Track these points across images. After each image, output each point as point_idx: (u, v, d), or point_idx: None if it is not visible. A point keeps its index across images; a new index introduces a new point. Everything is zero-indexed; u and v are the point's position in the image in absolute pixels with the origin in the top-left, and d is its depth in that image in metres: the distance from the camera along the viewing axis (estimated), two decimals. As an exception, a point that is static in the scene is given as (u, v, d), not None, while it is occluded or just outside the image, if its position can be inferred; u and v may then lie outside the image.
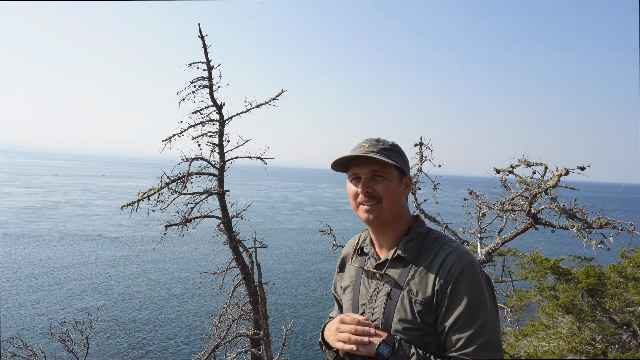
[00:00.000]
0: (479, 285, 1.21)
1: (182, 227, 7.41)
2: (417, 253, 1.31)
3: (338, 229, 8.14)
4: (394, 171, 1.33)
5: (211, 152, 7.72)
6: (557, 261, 8.64)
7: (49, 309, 21.49)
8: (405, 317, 1.25)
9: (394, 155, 1.33)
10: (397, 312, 1.27)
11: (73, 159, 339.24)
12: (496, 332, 1.20)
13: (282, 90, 7.70)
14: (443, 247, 1.28)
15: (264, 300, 7.91)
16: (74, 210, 53.77)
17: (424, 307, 1.23)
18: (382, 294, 1.33)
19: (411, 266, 1.30)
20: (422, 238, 1.33)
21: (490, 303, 1.22)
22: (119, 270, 29.22)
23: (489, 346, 1.16)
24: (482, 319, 1.18)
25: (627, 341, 7.48)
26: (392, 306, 1.29)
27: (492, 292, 1.26)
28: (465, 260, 1.23)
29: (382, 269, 1.35)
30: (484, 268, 7.11)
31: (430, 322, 1.24)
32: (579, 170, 3.55)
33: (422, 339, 1.24)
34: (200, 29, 6.97)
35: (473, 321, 1.17)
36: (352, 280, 1.46)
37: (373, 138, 1.37)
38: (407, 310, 1.26)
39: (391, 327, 1.27)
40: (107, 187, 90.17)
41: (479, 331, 1.17)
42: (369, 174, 1.33)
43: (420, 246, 1.32)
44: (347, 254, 1.55)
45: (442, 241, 1.31)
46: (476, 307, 1.19)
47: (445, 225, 5.56)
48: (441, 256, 1.26)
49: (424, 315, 1.24)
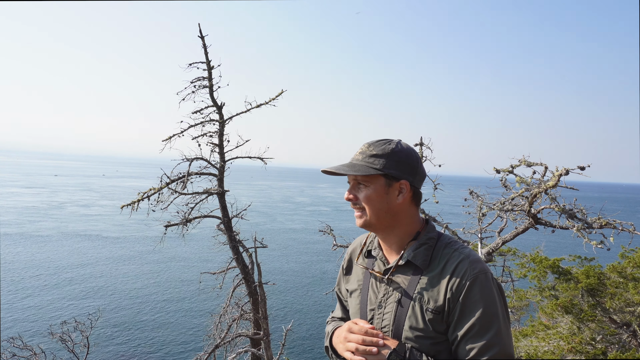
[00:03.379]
0: (492, 294, 1.20)
1: (182, 227, 7.41)
2: (427, 259, 1.28)
3: (339, 229, 8.14)
4: (378, 179, 1.29)
5: (211, 152, 7.72)
6: (557, 261, 8.64)
7: (49, 309, 21.49)
8: (416, 325, 1.24)
9: (382, 162, 1.29)
10: (408, 320, 1.25)
11: (72, 159, 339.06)
12: (509, 341, 1.19)
13: (282, 90, 7.71)
14: (454, 254, 1.26)
15: (264, 300, 7.91)
16: (76, 210, 53.78)
17: (435, 315, 1.22)
18: (392, 300, 1.31)
19: (422, 273, 1.28)
20: (433, 243, 1.31)
21: (503, 312, 1.21)
22: (119, 270, 29.22)
23: (501, 356, 1.16)
24: (495, 329, 1.17)
25: (627, 341, 7.48)
26: (402, 313, 1.27)
27: (504, 300, 1.25)
28: (478, 269, 1.22)
29: (391, 274, 1.33)
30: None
31: (441, 330, 1.23)
32: (579, 170, 3.55)
33: (433, 348, 1.23)
34: (201, 29, 6.98)
35: (486, 331, 1.16)
36: (360, 284, 1.43)
37: (371, 142, 1.34)
38: (419, 318, 1.24)
39: (402, 334, 1.26)
40: (109, 188, 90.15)
41: (492, 341, 1.16)
42: (352, 181, 1.34)
43: (430, 252, 1.29)
44: (353, 254, 1.52)
45: (453, 247, 1.29)
46: (489, 317, 1.17)
47: (445, 225, 5.56)
48: (453, 263, 1.24)
49: (435, 323, 1.22)
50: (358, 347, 1.24)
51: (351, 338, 1.27)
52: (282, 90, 7.71)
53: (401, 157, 1.30)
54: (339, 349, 1.33)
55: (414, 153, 1.34)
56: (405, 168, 1.30)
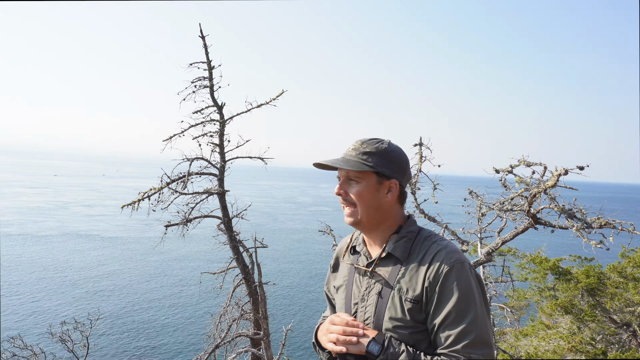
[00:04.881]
0: (468, 282, 1.22)
1: (182, 227, 7.42)
2: (407, 251, 1.32)
3: (340, 229, 8.13)
4: (369, 176, 1.32)
5: (212, 152, 7.74)
6: (557, 261, 8.65)
7: (50, 309, 21.51)
8: (395, 315, 1.27)
9: (375, 160, 1.32)
10: (388, 311, 1.28)
11: (71, 158, 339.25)
12: (486, 329, 1.21)
13: (283, 90, 7.72)
14: (433, 246, 1.29)
15: (264, 300, 7.92)
16: (79, 211, 53.82)
17: (413, 304, 1.25)
18: (374, 292, 1.34)
19: (402, 264, 1.31)
20: (413, 237, 1.34)
21: (480, 300, 1.23)
22: (119, 270, 29.24)
23: (478, 343, 1.17)
24: (472, 316, 1.19)
25: (627, 341, 7.49)
26: (383, 304, 1.30)
27: (483, 289, 1.27)
28: (454, 258, 1.24)
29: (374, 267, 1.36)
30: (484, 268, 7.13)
31: (420, 319, 1.25)
32: (578, 170, 3.55)
33: (412, 337, 1.25)
34: (201, 29, 6.98)
35: (462, 318, 1.19)
36: (345, 279, 1.47)
37: (363, 139, 1.37)
38: (398, 308, 1.27)
39: (382, 325, 1.29)
40: (111, 188, 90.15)
41: (468, 328, 1.18)
42: (344, 177, 1.37)
43: (410, 244, 1.33)
44: (340, 253, 1.56)
45: (432, 240, 1.32)
46: (465, 304, 1.20)
47: (445, 225, 5.56)
48: (431, 254, 1.27)
49: (414, 313, 1.25)
50: (339, 337, 1.28)
51: (333, 329, 1.31)
52: (283, 90, 7.72)
53: (393, 157, 1.35)
54: (322, 341, 1.37)
55: (404, 155, 1.39)
56: (396, 168, 1.35)
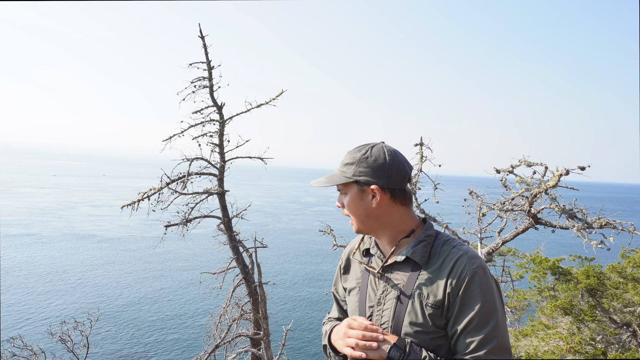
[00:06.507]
0: (490, 289, 1.23)
1: (182, 227, 7.42)
2: (426, 255, 1.31)
3: (342, 230, 8.13)
4: (351, 186, 1.35)
5: (211, 152, 7.73)
6: (557, 261, 8.64)
7: (49, 309, 21.50)
8: (416, 320, 1.26)
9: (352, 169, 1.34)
10: (408, 315, 1.27)
11: (71, 158, 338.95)
12: (507, 335, 1.22)
13: (282, 90, 7.71)
14: (453, 250, 1.29)
15: (264, 300, 7.91)
16: (80, 210, 53.81)
17: (434, 310, 1.24)
18: (391, 296, 1.32)
19: (421, 269, 1.30)
20: (431, 240, 1.33)
21: (500, 306, 1.24)
22: (119, 270, 29.24)
23: (500, 350, 1.18)
24: (494, 322, 1.20)
25: (627, 341, 7.49)
26: (402, 309, 1.29)
27: (501, 295, 1.28)
28: (477, 264, 1.24)
29: (389, 271, 1.35)
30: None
31: (441, 325, 1.25)
32: (579, 170, 3.55)
33: (433, 342, 1.25)
34: (201, 29, 6.98)
35: (485, 325, 1.19)
36: (358, 282, 1.45)
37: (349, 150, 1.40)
38: (418, 313, 1.26)
39: (401, 330, 1.27)
40: (112, 188, 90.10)
41: (491, 335, 1.18)
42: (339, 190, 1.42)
43: (429, 248, 1.32)
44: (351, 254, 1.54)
45: (451, 244, 1.32)
46: (488, 310, 1.20)
47: (445, 225, 5.56)
48: (452, 259, 1.27)
49: (435, 318, 1.24)
50: (358, 342, 1.25)
51: (351, 334, 1.28)
52: (282, 90, 7.71)
53: (369, 163, 1.33)
54: (338, 345, 1.34)
55: (384, 156, 1.33)
56: (374, 173, 1.32)
